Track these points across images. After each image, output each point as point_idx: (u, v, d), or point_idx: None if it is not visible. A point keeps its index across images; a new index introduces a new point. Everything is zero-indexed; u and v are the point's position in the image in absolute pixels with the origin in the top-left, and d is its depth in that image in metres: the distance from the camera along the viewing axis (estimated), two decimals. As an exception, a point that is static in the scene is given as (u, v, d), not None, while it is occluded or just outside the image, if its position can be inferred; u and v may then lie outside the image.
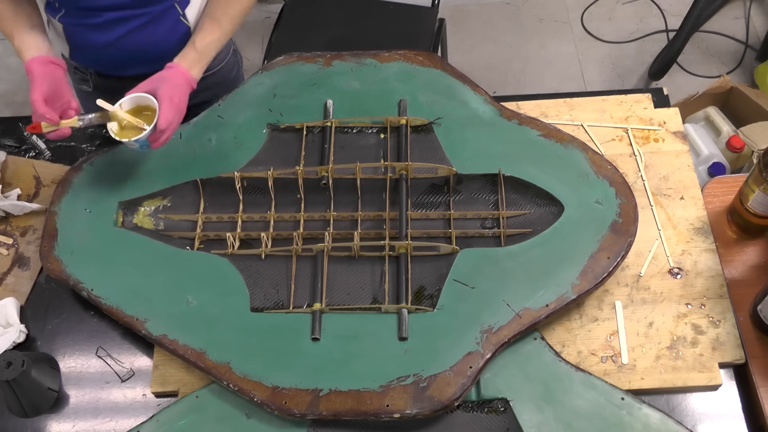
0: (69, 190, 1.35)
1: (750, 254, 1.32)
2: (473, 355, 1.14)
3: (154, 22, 1.36)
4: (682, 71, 2.67)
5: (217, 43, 1.33)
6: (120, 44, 1.38)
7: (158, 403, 1.23)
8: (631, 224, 1.24)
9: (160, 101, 1.23)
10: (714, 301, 1.24)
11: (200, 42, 1.31)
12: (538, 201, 1.30)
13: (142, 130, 1.23)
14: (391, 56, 1.46)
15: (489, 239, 1.29)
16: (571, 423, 1.12)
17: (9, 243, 1.39)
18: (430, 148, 1.36)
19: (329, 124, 1.38)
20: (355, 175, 1.31)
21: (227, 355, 1.16)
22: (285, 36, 2.18)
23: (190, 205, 1.35)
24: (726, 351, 1.20)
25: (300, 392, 1.13)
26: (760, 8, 2.80)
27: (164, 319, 1.21)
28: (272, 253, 1.28)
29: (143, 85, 1.26)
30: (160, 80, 1.25)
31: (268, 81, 1.44)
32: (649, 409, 1.12)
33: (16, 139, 1.51)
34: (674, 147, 1.40)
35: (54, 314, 1.31)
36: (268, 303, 1.24)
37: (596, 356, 1.20)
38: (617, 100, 1.46)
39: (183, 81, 1.27)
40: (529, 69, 2.73)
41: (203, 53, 1.31)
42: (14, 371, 1.15)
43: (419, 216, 1.32)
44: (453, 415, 1.14)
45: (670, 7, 2.83)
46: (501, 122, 1.36)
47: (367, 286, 1.25)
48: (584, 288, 1.19)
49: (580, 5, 2.88)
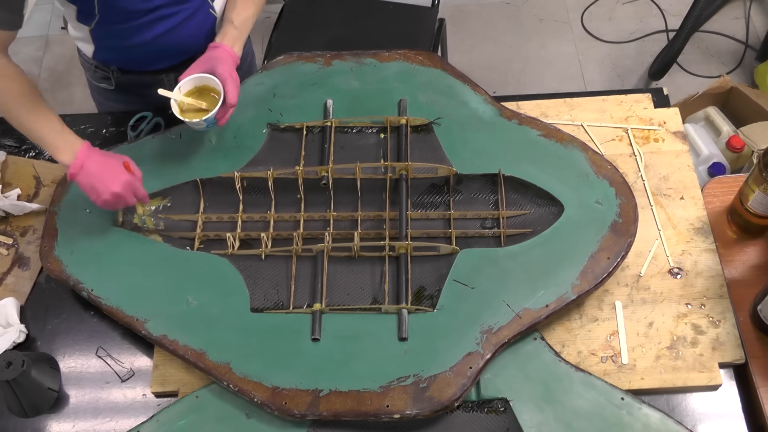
0: (69, 190, 1.35)
1: (750, 254, 1.32)
2: (473, 355, 1.14)
3: (188, 19, 1.38)
4: (682, 71, 2.67)
5: (252, 18, 1.36)
6: (154, 42, 1.39)
7: (158, 403, 1.23)
8: (631, 224, 1.24)
9: (223, 79, 1.26)
10: (714, 301, 1.24)
11: (237, 19, 1.33)
12: (538, 201, 1.30)
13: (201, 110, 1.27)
14: (391, 56, 1.46)
15: (489, 239, 1.29)
16: (571, 423, 1.12)
17: (9, 243, 1.39)
18: (430, 148, 1.36)
19: (329, 124, 1.38)
20: (355, 175, 1.31)
21: (227, 356, 1.16)
22: (285, 36, 2.18)
23: (190, 205, 1.35)
24: (726, 351, 1.20)
25: (300, 393, 1.13)
26: (760, 8, 2.80)
27: (164, 320, 1.21)
28: (272, 253, 1.28)
29: (197, 67, 1.28)
30: (213, 60, 1.28)
31: (268, 81, 1.44)
32: (649, 409, 1.12)
33: (16, 139, 1.51)
34: (674, 147, 1.40)
35: (54, 314, 1.31)
36: (268, 303, 1.24)
37: (596, 356, 1.20)
38: (617, 100, 1.46)
39: (231, 59, 1.30)
40: (529, 69, 2.73)
41: (242, 30, 1.34)
42: (14, 371, 1.15)
43: (419, 216, 1.32)
44: (453, 416, 1.14)
45: (670, 7, 2.83)
46: (501, 122, 1.36)
47: (367, 286, 1.25)
48: (584, 288, 1.19)
49: (580, 5, 2.87)
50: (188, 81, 1.28)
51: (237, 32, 1.33)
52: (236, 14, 1.34)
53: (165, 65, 1.46)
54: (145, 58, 1.45)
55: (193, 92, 1.30)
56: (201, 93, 1.30)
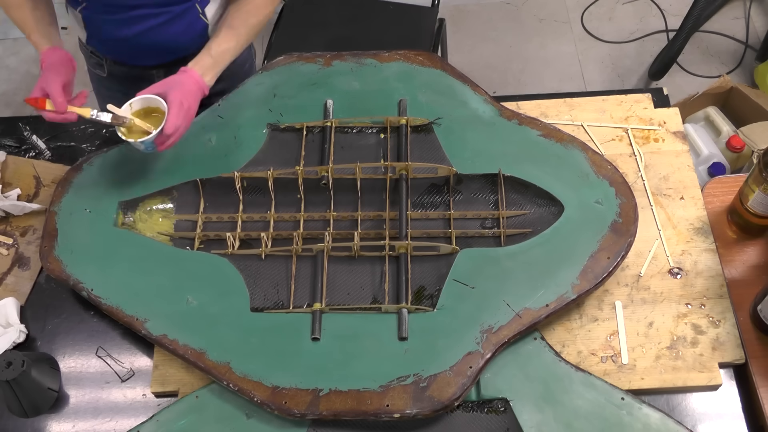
0: (69, 190, 1.35)
1: (750, 254, 1.32)
2: (473, 355, 1.14)
3: (175, 20, 1.37)
4: (682, 71, 2.67)
5: (233, 51, 1.33)
6: (139, 39, 1.39)
7: (158, 403, 1.23)
8: (631, 224, 1.24)
9: (170, 105, 1.22)
10: (714, 301, 1.24)
11: (216, 49, 1.31)
12: (538, 201, 1.30)
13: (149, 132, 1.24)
14: (391, 56, 1.46)
15: (489, 239, 1.29)
16: (571, 423, 1.12)
17: (9, 243, 1.39)
18: (430, 148, 1.36)
19: (329, 124, 1.38)
20: (355, 175, 1.31)
21: (227, 355, 1.16)
22: (285, 36, 2.18)
23: (190, 205, 1.35)
24: (726, 351, 1.20)
25: (300, 392, 1.13)
26: (760, 8, 2.80)
27: (164, 319, 1.21)
28: (272, 253, 1.28)
29: (155, 87, 1.26)
30: (172, 84, 1.26)
31: (268, 81, 1.44)
32: (649, 409, 1.12)
33: (16, 139, 1.51)
34: (674, 147, 1.40)
35: (54, 314, 1.31)
36: (268, 303, 1.24)
37: (596, 356, 1.20)
38: (617, 100, 1.46)
39: (195, 87, 1.27)
40: (529, 69, 2.73)
41: (218, 60, 1.31)
42: (14, 371, 1.15)
43: (419, 216, 1.32)
44: (453, 415, 1.14)
45: (670, 7, 2.83)
46: (501, 122, 1.36)
47: (367, 286, 1.25)
48: (584, 288, 1.19)
49: (580, 5, 2.88)
50: (139, 100, 1.26)
51: (212, 61, 1.30)
52: (216, 44, 1.31)
53: (152, 62, 1.46)
54: (130, 53, 1.45)
55: (141, 112, 1.26)
56: (150, 115, 1.27)
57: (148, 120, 1.26)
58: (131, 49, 1.43)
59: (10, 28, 2.95)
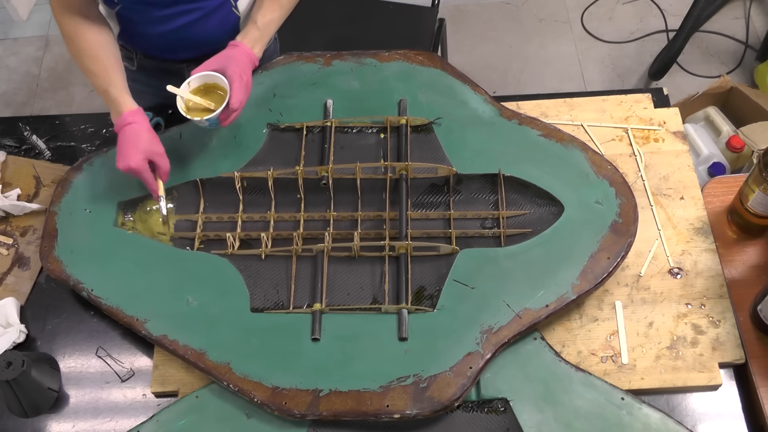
0: (69, 190, 1.35)
1: (750, 254, 1.32)
2: (473, 355, 1.14)
3: (209, 15, 1.38)
4: (682, 71, 2.67)
5: (277, 21, 1.35)
6: (173, 35, 1.39)
7: (158, 403, 1.23)
8: (631, 224, 1.24)
9: (231, 80, 1.24)
10: (714, 301, 1.24)
11: (261, 20, 1.33)
12: (538, 201, 1.30)
13: (207, 109, 1.26)
14: (391, 56, 1.46)
15: (489, 239, 1.29)
16: (571, 423, 1.12)
17: (9, 243, 1.39)
18: (430, 148, 1.36)
19: (329, 124, 1.38)
20: (355, 175, 1.31)
21: (227, 356, 1.16)
22: (285, 36, 2.18)
23: (190, 205, 1.35)
24: (726, 351, 1.20)
25: (300, 392, 1.13)
26: (760, 8, 2.80)
27: (164, 320, 1.21)
28: (272, 253, 1.28)
29: (210, 64, 1.27)
30: (227, 59, 1.27)
31: (268, 81, 1.44)
32: (649, 409, 1.12)
33: (16, 139, 1.51)
34: (674, 147, 1.40)
35: (54, 314, 1.31)
36: (268, 303, 1.24)
37: (596, 356, 1.20)
38: (617, 100, 1.46)
39: (247, 60, 1.29)
40: (529, 69, 2.73)
41: (264, 32, 1.33)
42: (14, 371, 1.15)
43: (419, 216, 1.32)
44: (453, 415, 1.14)
45: (670, 7, 2.83)
46: (501, 122, 1.36)
47: (367, 286, 1.25)
48: (584, 288, 1.19)
49: (580, 5, 2.87)
50: (197, 78, 1.28)
51: (259, 33, 1.32)
52: (261, 15, 1.33)
53: (185, 56, 1.46)
54: (163, 48, 1.46)
55: (200, 90, 1.29)
56: (209, 91, 1.29)
57: (207, 97, 1.28)
58: (165, 44, 1.44)
59: (10, 28, 2.95)
